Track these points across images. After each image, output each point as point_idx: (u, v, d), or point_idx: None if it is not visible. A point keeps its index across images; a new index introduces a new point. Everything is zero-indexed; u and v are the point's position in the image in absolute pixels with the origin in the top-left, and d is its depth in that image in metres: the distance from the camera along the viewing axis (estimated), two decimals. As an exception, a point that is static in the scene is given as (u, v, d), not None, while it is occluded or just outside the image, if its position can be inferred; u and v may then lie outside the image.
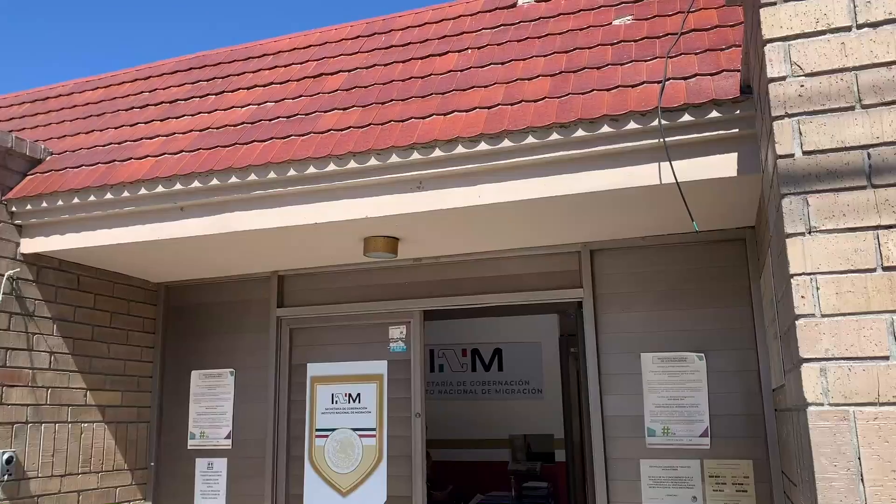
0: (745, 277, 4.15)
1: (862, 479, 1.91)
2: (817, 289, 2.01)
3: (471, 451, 7.61)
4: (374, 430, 4.80)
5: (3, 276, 4.27)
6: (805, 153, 2.08)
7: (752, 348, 4.07)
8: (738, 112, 3.14)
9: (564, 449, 7.29)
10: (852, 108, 2.07)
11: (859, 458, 1.92)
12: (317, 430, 4.94)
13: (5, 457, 4.16)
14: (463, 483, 7.15)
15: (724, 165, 3.22)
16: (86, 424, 4.75)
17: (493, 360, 7.87)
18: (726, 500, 3.97)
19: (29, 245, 4.42)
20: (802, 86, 2.13)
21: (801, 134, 2.10)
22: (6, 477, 4.16)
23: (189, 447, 5.19)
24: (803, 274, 2.04)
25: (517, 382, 7.72)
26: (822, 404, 1.97)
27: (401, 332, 4.89)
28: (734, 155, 3.22)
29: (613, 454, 4.22)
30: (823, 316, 2.00)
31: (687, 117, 3.21)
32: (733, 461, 3.99)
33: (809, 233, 2.05)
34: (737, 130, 3.17)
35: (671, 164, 3.22)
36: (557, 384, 7.55)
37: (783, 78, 2.15)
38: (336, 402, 4.92)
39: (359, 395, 4.88)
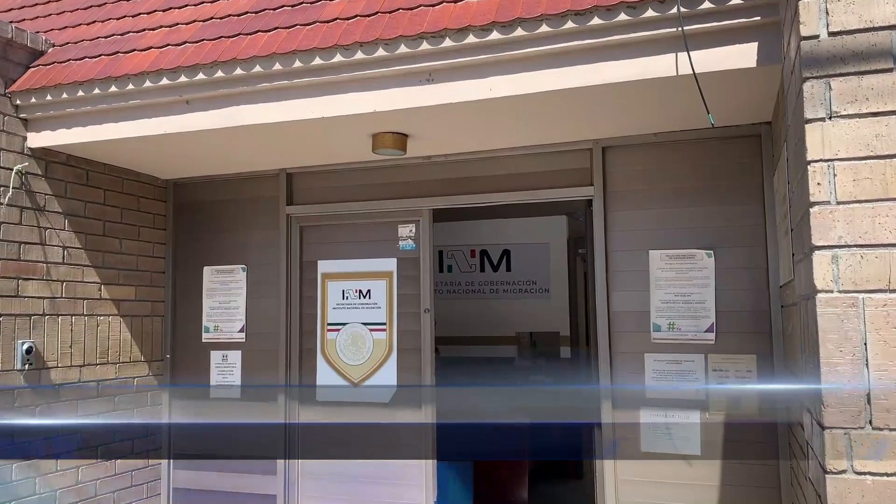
0: (759, 174, 4.09)
1: (867, 364, 1.94)
2: (834, 175, 1.98)
3: (479, 348, 7.78)
4: (384, 324, 4.88)
5: (13, 170, 4.26)
6: (830, 34, 2.00)
7: (762, 245, 4.06)
8: (760, -2, 3.01)
9: (570, 346, 7.47)
10: (884, -14, 1.97)
11: (865, 344, 1.94)
12: (328, 324, 5.03)
13: (25, 347, 4.27)
14: (470, 378, 7.35)
15: (743, 55, 3.12)
16: (101, 317, 4.85)
17: (502, 260, 7.92)
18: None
19: (36, 139, 4.39)
20: (832, -38, 2.02)
21: (827, 14, 2.01)
22: (27, 366, 4.29)
23: (203, 340, 5.31)
24: (820, 161, 2.00)
25: (525, 283, 7.80)
26: (831, 291, 1.97)
27: (410, 230, 4.90)
28: (754, 45, 3.11)
29: (619, 348, 4.29)
30: (839, 203, 1.97)
31: (707, 4, 3.08)
32: (737, 356, 4.06)
33: (830, 118, 1.99)
34: (758, 18, 3.05)
35: (689, 55, 3.12)
36: (565, 284, 7.65)
37: (812, -46, 2.05)
38: (347, 297, 4.99)
39: (369, 291, 4.94)
